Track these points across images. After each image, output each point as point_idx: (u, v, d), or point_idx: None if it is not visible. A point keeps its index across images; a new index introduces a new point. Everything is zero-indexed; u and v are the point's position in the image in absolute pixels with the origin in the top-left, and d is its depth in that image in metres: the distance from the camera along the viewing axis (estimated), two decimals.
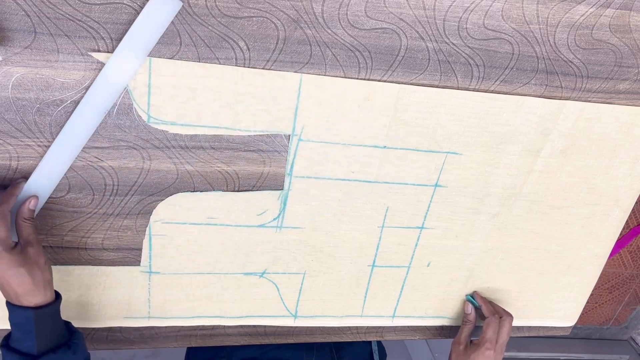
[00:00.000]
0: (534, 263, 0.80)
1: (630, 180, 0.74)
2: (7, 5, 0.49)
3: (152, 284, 0.69)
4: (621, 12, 0.60)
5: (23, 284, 0.55)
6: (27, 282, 0.55)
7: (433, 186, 0.69)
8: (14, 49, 0.51)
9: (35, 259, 0.55)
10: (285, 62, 0.57)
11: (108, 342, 0.73)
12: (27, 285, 0.55)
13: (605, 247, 0.81)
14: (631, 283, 1.94)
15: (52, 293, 0.58)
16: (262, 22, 0.54)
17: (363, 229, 0.71)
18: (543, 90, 0.64)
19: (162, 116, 0.58)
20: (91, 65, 0.53)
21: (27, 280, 0.55)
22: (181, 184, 0.62)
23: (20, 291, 0.55)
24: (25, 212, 0.57)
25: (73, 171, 0.59)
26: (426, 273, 0.77)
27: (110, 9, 0.51)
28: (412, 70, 0.60)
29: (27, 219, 0.57)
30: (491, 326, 0.75)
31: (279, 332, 0.79)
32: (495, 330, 0.75)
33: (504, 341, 0.75)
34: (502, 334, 0.75)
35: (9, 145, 0.56)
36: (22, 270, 0.54)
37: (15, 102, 0.53)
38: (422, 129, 0.64)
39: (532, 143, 0.68)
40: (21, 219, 0.56)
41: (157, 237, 0.65)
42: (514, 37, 0.60)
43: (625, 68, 0.64)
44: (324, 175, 0.65)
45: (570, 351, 1.97)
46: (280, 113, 0.60)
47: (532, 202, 0.73)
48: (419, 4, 0.56)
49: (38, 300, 0.56)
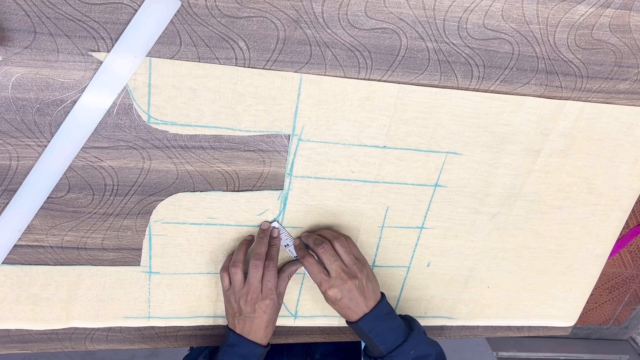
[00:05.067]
0: (534, 263, 0.80)
1: (630, 180, 0.74)
2: (7, 5, 0.49)
3: (152, 284, 0.69)
4: (621, 12, 0.60)
5: (271, 327, 0.66)
6: (273, 326, 0.67)
7: (433, 186, 0.69)
8: (14, 49, 0.51)
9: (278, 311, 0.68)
10: (285, 62, 0.57)
11: (108, 342, 0.73)
12: (272, 329, 0.67)
13: (605, 247, 0.81)
14: (631, 283, 1.94)
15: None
16: (262, 22, 0.54)
17: (363, 228, 0.71)
18: (543, 90, 0.64)
19: (162, 116, 0.58)
20: (91, 65, 0.53)
21: (273, 325, 0.67)
22: (181, 184, 0.62)
23: (269, 332, 0.66)
24: (292, 271, 0.70)
25: (73, 171, 0.59)
26: (426, 273, 0.77)
27: (110, 9, 0.51)
28: (412, 70, 0.60)
29: (289, 277, 0.70)
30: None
31: (279, 332, 0.79)
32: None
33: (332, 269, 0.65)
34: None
35: (9, 145, 0.56)
36: (276, 317, 0.67)
37: (15, 102, 0.53)
38: (422, 129, 0.64)
39: (532, 143, 0.68)
40: (287, 275, 0.69)
41: (157, 237, 0.65)
42: (514, 37, 0.60)
43: (625, 68, 0.64)
44: (324, 175, 0.65)
45: (570, 351, 1.97)
46: (280, 113, 0.60)
47: (532, 202, 0.73)
48: (419, 4, 0.56)
49: (266, 341, 0.66)
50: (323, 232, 0.67)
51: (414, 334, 0.65)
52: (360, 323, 0.64)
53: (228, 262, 0.67)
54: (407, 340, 0.64)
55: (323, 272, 0.64)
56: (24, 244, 0.62)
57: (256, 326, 0.64)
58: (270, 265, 0.65)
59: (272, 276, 0.64)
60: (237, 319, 0.64)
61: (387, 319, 0.65)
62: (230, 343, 0.65)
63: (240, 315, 0.64)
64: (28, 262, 0.64)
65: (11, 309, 0.66)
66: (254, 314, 0.63)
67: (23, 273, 0.64)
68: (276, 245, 0.66)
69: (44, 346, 0.71)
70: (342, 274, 0.63)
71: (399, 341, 0.64)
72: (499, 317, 0.86)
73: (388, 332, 0.64)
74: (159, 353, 1.64)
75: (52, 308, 0.68)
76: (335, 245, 0.65)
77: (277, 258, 0.66)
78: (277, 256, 0.66)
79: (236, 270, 0.64)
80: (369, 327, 0.64)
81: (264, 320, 0.64)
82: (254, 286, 0.63)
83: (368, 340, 0.65)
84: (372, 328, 0.64)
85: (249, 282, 0.64)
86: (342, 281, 0.63)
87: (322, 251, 0.64)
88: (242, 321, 0.64)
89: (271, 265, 0.65)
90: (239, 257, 0.65)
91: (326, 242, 0.65)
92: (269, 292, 0.64)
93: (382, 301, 0.66)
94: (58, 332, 0.70)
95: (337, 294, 0.63)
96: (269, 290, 0.64)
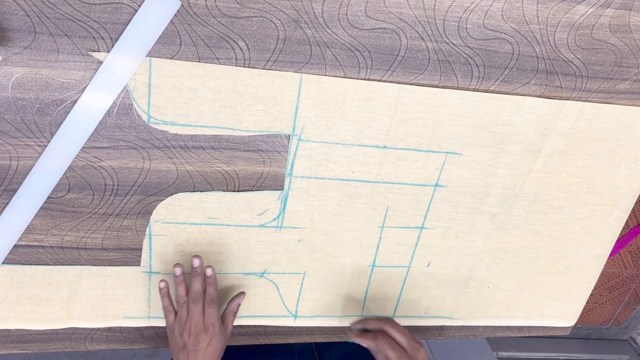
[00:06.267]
0: (534, 263, 0.80)
1: (630, 180, 0.74)
2: (7, 5, 0.49)
3: (152, 284, 0.69)
4: (621, 12, 0.60)
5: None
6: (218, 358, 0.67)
7: (433, 186, 0.69)
8: (14, 49, 0.51)
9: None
10: (285, 62, 0.57)
11: (108, 342, 0.73)
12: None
13: (605, 247, 0.81)
14: (631, 283, 1.94)
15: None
16: (262, 22, 0.54)
17: (363, 229, 0.71)
18: (543, 90, 0.64)
19: (162, 116, 0.58)
20: (91, 65, 0.53)
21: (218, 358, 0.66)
22: (181, 184, 0.62)
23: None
24: (234, 307, 0.70)
25: (73, 171, 0.59)
26: (426, 273, 0.77)
27: (110, 9, 0.51)
28: (412, 70, 0.60)
29: (234, 312, 0.70)
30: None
31: (279, 332, 0.79)
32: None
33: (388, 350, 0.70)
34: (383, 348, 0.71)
35: (9, 145, 0.56)
36: (222, 351, 0.67)
37: (15, 102, 0.53)
38: (422, 129, 0.64)
39: (532, 143, 0.68)
40: (231, 313, 0.70)
41: (157, 237, 0.65)
42: (514, 37, 0.60)
43: (625, 68, 0.64)
44: (324, 175, 0.65)
45: (570, 351, 1.97)
46: (280, 113, 0.60)
47: (532, 202, 0.73)
48: (419, 4, 0.56)
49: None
50: (368, 323, 0.75)
51: None
52: None
53: (167, 299, 0.67)
54: None
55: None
56: (24, 244, 0.62)
57: (200, 359, 0.64)
58: (211, 303, 0.65)
59: (213, 312, 0.65)
60: (181, 352, 0.64)
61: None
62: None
63: (184, 350, 0.64)
64: (28, 262, 0.64)
65: (11, 309, 0.66)
66: (197, 346, 0.64)
67: (23, 273, 0.64)
68: (212, 283, 0.66)
69: (44, 346, 0.71)
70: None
71: None
72: (499, 317, 0.86)
73: None
74: (159, 353, 1.65)
75: (52, 308, 0.68)
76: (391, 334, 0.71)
77: (215, 294, 0.66)
78: (215, 293, 0.66)
79: (182, 306, 0.65)
80: None
81: (208, 353, 0.64)
82: (195, 319, 0.64)
83: None
84: None
85: (191, 316, 0.64)
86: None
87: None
88: (186, 354, 0.64)
89: (212, 303, 0.65)
90: (182, 292, 0.66)
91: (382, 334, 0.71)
92: (210, 326, 0.65)
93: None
94: (58, 332, 0.70)
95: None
96: (211, 325, 0.65)
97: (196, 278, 0.65)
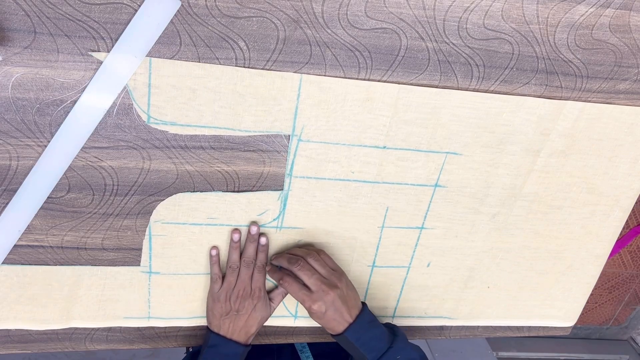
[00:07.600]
0: (534, 263, 0.80)
1: (630, 180, 0.74)
2: (7, 5, 0.49)
3: (152, 284, 0.69)
4: (621, 12, 0.60)
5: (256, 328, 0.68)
6: (258, 328, 0.68)
7: (433, 186, 0.69)
8: (14, 49, 0.51)
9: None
10: (285, 62, 0.57)
11: (108, 342, 0.73)
12: (256, 329, 0.68)
13: (605, 247, 0.81)
14: (631, 283, 1.94)
15: None
16: (262, 22, 0.54)
17: (363, 229, 0.71)
18: (543, 90, 0.64)
19: (162, 116, 0.58)
20: (91, 65, 0.53)
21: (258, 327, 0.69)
22: (181, 184, 0.62)
23: (252, 332, 0.68)
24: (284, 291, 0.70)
25: (73, 171, 0.59)
26: (426, 273, 0.77)
27: (110, 9, 0.51)
28: (412, 70, 0.60)
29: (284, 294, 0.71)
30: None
31: (279, 332, 0.79)
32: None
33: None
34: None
35: (9, 145, 0.56)
36: (263, 320, 0.69)
37: (15, 102, 0.53)
38: (422, 129, 0.64)
39: (532, 143, 0.68)
40: (281, 293, 0.71)
41: (157, 237, 0.65)
42: (514, 37, 0.60)
43: (625, 68, 0.64)
44: (324, 176, 0.65)
45: (570, 351, 1.97)
46: (280, 113, 0.60)
47: (532, 202, 0.73)
48: (419, 4, 0.56)
49: (248, 342, 0.69)
50: (294, 251, 0.68)
51: (399, 340, 0.67)
52: (346, 334, 0.64)
53: (217, 267, 0.68)
54: (392, 346, 0.65)
55: (303, 289, 0.65)
56: (24, 244, 0.62)
57: (242, 324, 0.66)
58: (260, 267, 0.67)
59: (261, 277, 0.67)
60: (223, 318, 0.66)
61: (371, 327, 0.66)
62: (212, 344, 0.67)
63: (227, 315, 0.65)
64: (28, 262, 0.64)
65: (11, 309, 0.66)
66: (242, 310, 0.65)
67: (23, 273, 0.64)
68: (264, 251, 0.68)
69: (44, 346, 0.71)
70: (323, 286, 0.64)
71: (384, 348, 0.65)
72: (499, 317, 0.86)
73: (373, 340, 0.65)
74: (159, 353, 1.65)
75: (52, 308, 0.68)
76: (309, 261, 0.66)
77: (266, 261, 0.68)
78: (265, 260, 0.68)
79: (234, 270, 0.66)
80: (354, 337, 0.64)
81: (251, 318, 0.66)
82: (245, 282, 0.66)
83: (354, 351, 0.65)
84: (358, 337, 0.65)
85: (241, 279, 0.66)
86: (324, 293, 0.64)
87: (298, 268, 0.65)
88: (229, 320, 0.65)
89: (261, 269, 0.67)
90: (235, 257, 0.67)
91: (300, 259, 0.65)
92: (257, 290, 0.66)
93: (364, 310, 0.67)
94: (58, 332, 0.70)
95: (321, 307, 0.64)
96: (258, 290, 0.66)
97: (252, 244, 0.67)
